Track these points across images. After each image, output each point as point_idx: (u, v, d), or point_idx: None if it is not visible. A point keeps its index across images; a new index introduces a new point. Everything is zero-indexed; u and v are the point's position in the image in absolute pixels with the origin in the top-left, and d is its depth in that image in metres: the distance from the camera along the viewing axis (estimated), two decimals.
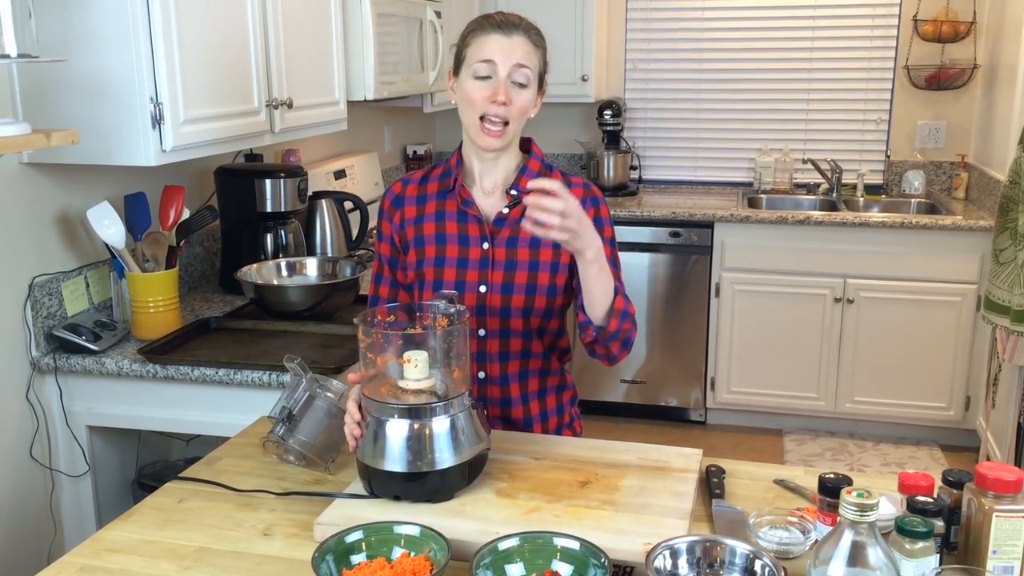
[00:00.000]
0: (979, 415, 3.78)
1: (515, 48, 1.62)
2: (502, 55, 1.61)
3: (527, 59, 1.63)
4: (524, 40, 1.63)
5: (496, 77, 1.62)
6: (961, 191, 4.24)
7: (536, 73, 1.66)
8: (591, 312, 1.59)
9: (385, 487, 1.41)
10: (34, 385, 2.20)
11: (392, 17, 3.15)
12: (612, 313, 1.58)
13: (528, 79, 1.64)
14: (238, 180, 2.72)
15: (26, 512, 2.20)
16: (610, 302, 1.58)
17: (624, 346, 1.65)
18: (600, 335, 1.60)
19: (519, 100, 1.63)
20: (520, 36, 1.63)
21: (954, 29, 4.12)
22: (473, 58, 1.63)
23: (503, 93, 1.61)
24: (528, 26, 1.66)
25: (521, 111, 1.64)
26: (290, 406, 1.59)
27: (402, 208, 1.76)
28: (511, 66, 1.62)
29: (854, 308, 3.91)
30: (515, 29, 1.63)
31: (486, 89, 1.62)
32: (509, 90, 1.62)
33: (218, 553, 1.34)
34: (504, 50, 1.62)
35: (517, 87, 1.63)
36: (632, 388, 4.24)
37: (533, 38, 1.65)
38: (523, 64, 1.63)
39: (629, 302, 1.65)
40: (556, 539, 1.25)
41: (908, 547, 1.14)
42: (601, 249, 1.53)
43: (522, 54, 1.63)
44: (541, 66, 1.68)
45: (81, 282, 2.33)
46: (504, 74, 1.62)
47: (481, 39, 1.63)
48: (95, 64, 2.00)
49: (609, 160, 4.48)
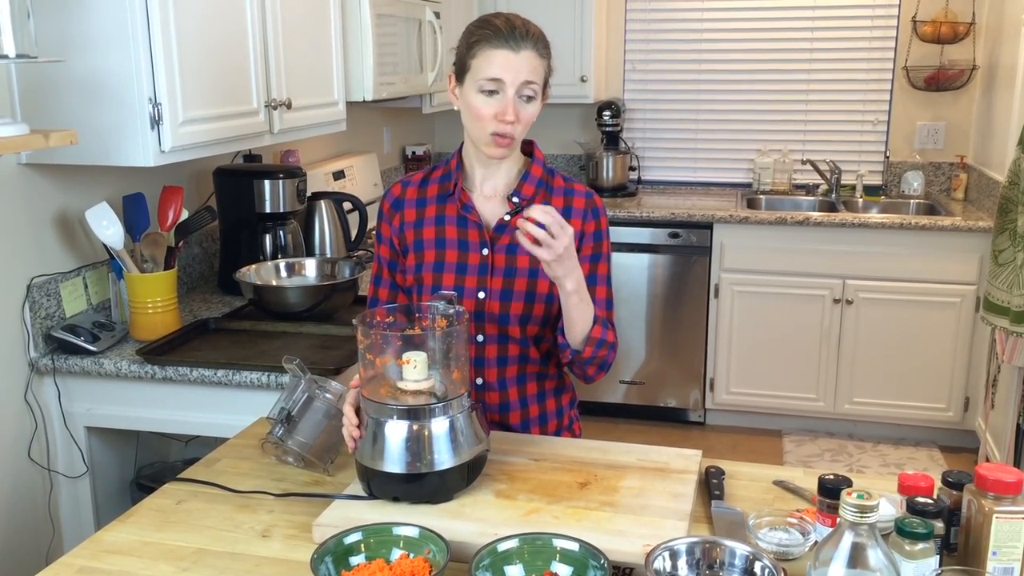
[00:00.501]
0: (978, 416, 3.78)
1: (523, 64, 1.57)
2: (511, 74, 1.57)
3: (534, 74, 1.59)
4: (532, 54, 1.59)
5: (504, 94, 1.58)
6: (960, 192, 4.24)
7: (543, 83, 1.63)
8: (569, 336, 1.63)
9: (384, 488, 1.41)
10: (32, 386, 2.20)
11: (391, 18, 3.15)
12: (588, 341, 1.62)
13: (536, 92, 1.61)
14: (237, 181, 2.72)
15: (24, 513, 2.20)
16: (588, 330, 1.61)
17: (600, 369, 1.70)
18: (576, 358, 1.66)
19: (526, 116, 1.61)
20: (528, 50, 1.58)
21: (953, 30, 4.12)
22: (479, 72, 1.58)
23: (511, 113, 1.58)
24: (536, 36, 1.61)
25: (528, 124, 1.62)
26: (289, 407, 1.58)
27: (401, 211, 1.75)
28: (519, 84, 1.58)
29: (853, 309, 3.91)
30: (523, 43, 1.58)
31: (493, 105, 1.58)
32: (517, 108, 1.59)
33: (217, 554, 1.34)
34: (513, 68, 1.57)
35: (524, 101, 1.60)
36: (631, 389, 4.24)
37: (540, 49, 1.61)
38: (531, 80, 1.59)
39: (609, 328, 1.67)
40: (555, 540, 1.25)
41: (908, 548, 1.14)
42: (581, 280, 1.56)
43: (530, 70, 1.58)
44: (547, 73, 1.65)
45: (79, 283, 2.33)
46: (512, 93, 1.58)
47: (488, 53, 1.57)
48: (94, 65, 2.00)
49: (608, 161, 4.48)
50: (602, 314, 1.67)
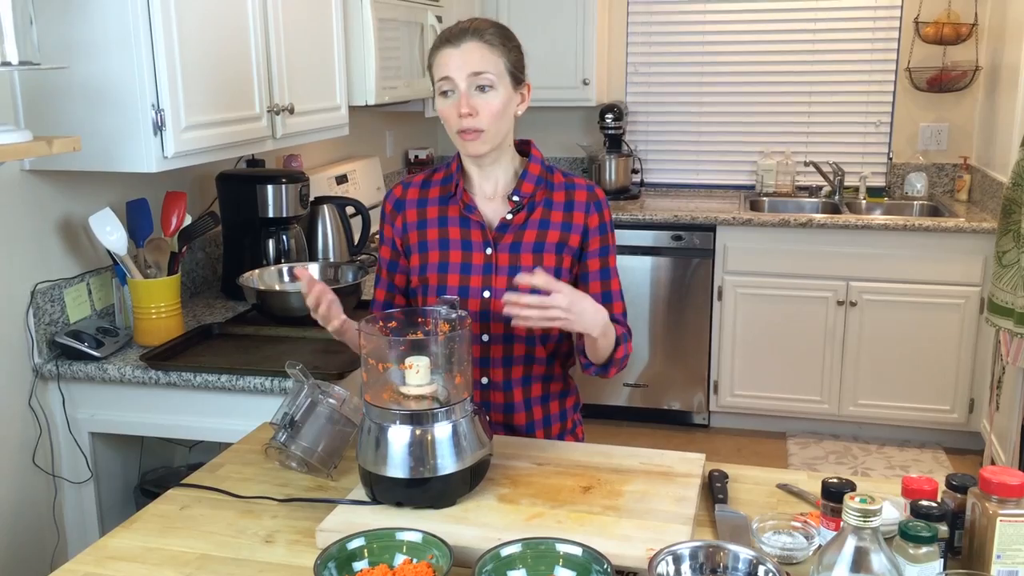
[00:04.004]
0: (983, 418, 3.77)
1: (467, 56, 1.60)
2: (456, 68, 1.60)
3: (482, 63, 1.60)
4: (477, 44, 1.60)
5: (457, 91, 1.61)
6: (963, 193, 4.23)
7: (500, 72, 1.62)
8: (592, 358, 1.69)
9: (387, 493, 1.41)
10: (37, 392, 2.21)
11: (393, 22, 3.16)
12: (612, 363, 1.70)
13: (491, 82, 1.61)
14: (240, 186, 2.72)
15: (29, 519, 2.20)
16: (611, 353, 1.68)
17: (620, 370, 1.75)
18: (599, 373, 1.74)
19: (487, 106, 1.61)
20: (471, 41, 1.60)
21: (955, 31, 4.12)
22: (436, 77, 1.64)
23: (465, 105, 1.60)
24: (480, 28, 1.62)
25: (493, 115, 1.62)
26: (292, 412, 1.58)
27: (403, 211, 1.76)
28: (467, 76, 1.60)
29: (857, 311, 3.90)
30: (464, 36, 1.60)
31: (452, 106, 1.62)
32: (472, 100, 1.60)
33: (220, 560, 1.34)
34: (456, 63, 1.60)
35: (481, 93, 1.61)
36: (635, 392, 4.24)
37: (488, 39, 1.61)
38: (479, 71, 1.60)
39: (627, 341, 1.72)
40: (559, 545, 1.25)
41: (912, 552, 1.13)
42: (607, 323, 1.60)
43: (476, 59, 1.60)
44: (507, 63, 1.63)
45: (83, 289, 2.33)
46: (463, 87, 1.60)
47: (437, 58, 1.63)
48: (96, 71, 2.00)
49: (611, 164, 4.48)
50: (620, 308, 1.74)
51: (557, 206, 1.72)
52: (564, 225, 1.72)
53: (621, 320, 1.73)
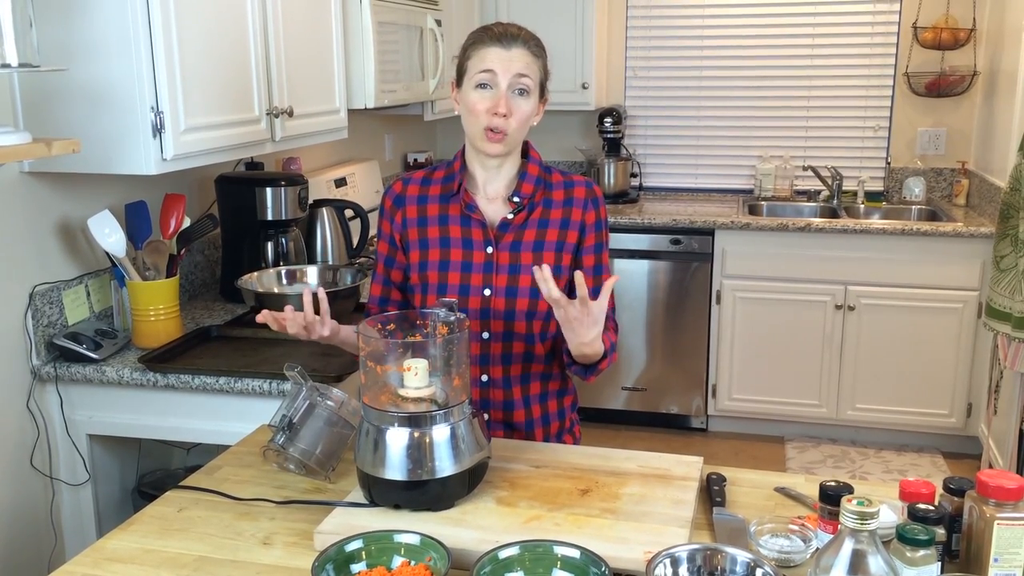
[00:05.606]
0: (981, 422, 3.77)
1: (515, 59, 1.64)
2: (502, 66, 1.64)
3: (527, 69, 1.66)
4: (524, 51, 1.66)
5: (497, 88, 1.64)
6: (962, 198, 4.24)
7: (537, 82, 1.68)
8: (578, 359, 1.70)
9: (385, 496, 1.41)
10: (35, 394, 2.20)
11: (392, 25, 3.16)
12: (594, 372, 1.71)
13: (529, 88, 1.66)
14: (239, 188, 2.73)
15: (26, 521, 2.20)
16: (596, 360, 1.68)
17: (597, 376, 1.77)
18: (579, 374, 1.77)
19: (520, 111, 1.66)
20: (519, 48, 1.65)
21: (954, 36, 4.13)
22: (474, 69, 1.66)
23: (504, 105, 1.64)
24: (527, 37, 1.68)
25: (522, 120, 1.67)
26: (290, 414, 1.58)
27: (403, 207, 1.77)
28: (511, 76, 1.64)
29: (855, 315, 3.91)
30: (514, 41, 1.66)
31: (487, 99, 1.65)
32: (510, 101, 1.64)
33: (218, 562, 1.34)
34: (504, 61, 1.64)
35: (518, 96, 1.66)
36: (633, 395, 4.24)
37: (532, 49, 1.68)
38: (523, 74, 1.65)
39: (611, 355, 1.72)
40: (556, 548, 1.25)
41: (909, 555, 1.14)
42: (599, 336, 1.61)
43: (522, 65, 1.65)
44: (542, 75, 1.70)
45: (82, 291, 2.33)
46: (504, 85, 1.64)
47: (481, 52, 1.66)
48: (96, 73, 2.00)
49: (610, 167, 4.48)
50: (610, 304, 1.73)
51: (556, 204, 1.75)
52: (563, 222, 1.75)
53: (610, 315, 1.75)
